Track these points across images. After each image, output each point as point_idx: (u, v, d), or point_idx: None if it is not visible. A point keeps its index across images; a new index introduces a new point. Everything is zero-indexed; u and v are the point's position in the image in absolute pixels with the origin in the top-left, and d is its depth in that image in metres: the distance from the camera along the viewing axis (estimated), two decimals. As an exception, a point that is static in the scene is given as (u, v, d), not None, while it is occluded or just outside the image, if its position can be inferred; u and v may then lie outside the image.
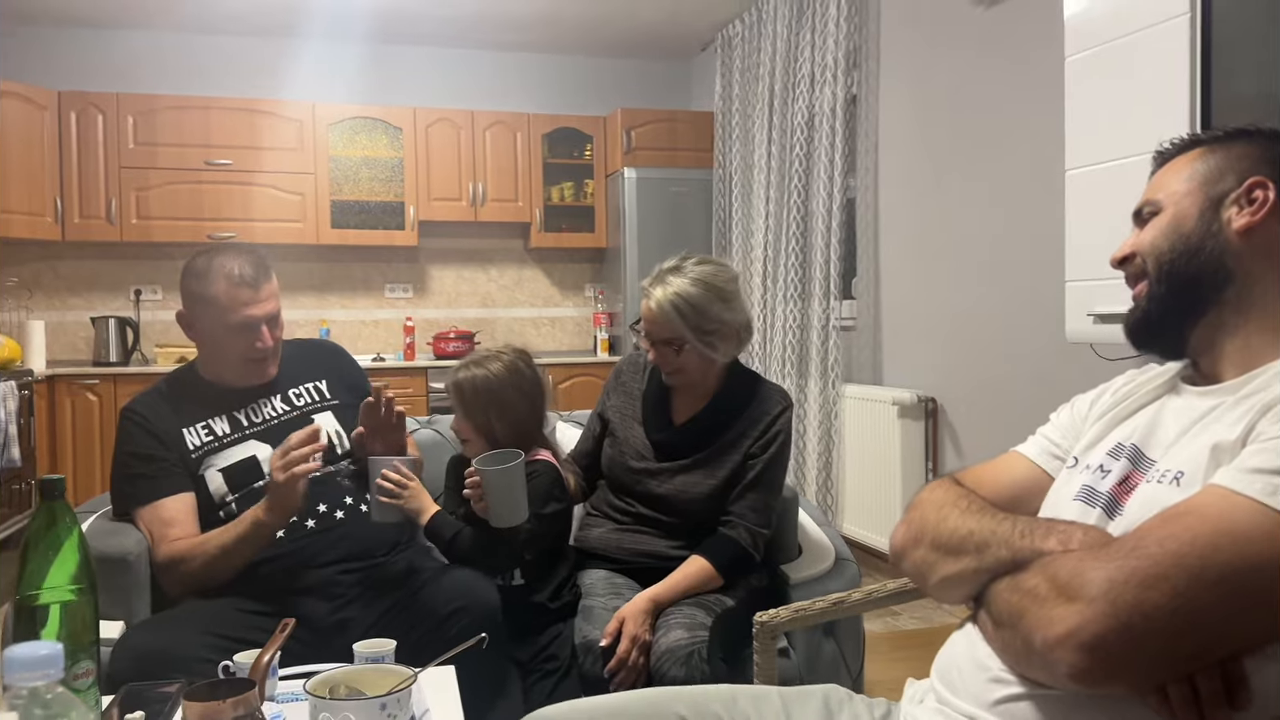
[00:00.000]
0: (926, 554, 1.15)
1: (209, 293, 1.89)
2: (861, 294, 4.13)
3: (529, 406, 1.99)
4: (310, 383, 2.09)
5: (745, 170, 4.84)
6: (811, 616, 1.28)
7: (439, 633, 1.71)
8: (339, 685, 1.38)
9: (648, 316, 2.01)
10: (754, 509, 2.00)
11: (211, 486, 1.91)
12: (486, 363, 1.98)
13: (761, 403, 2.07)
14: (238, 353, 1.94)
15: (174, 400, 1.98)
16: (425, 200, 5.41)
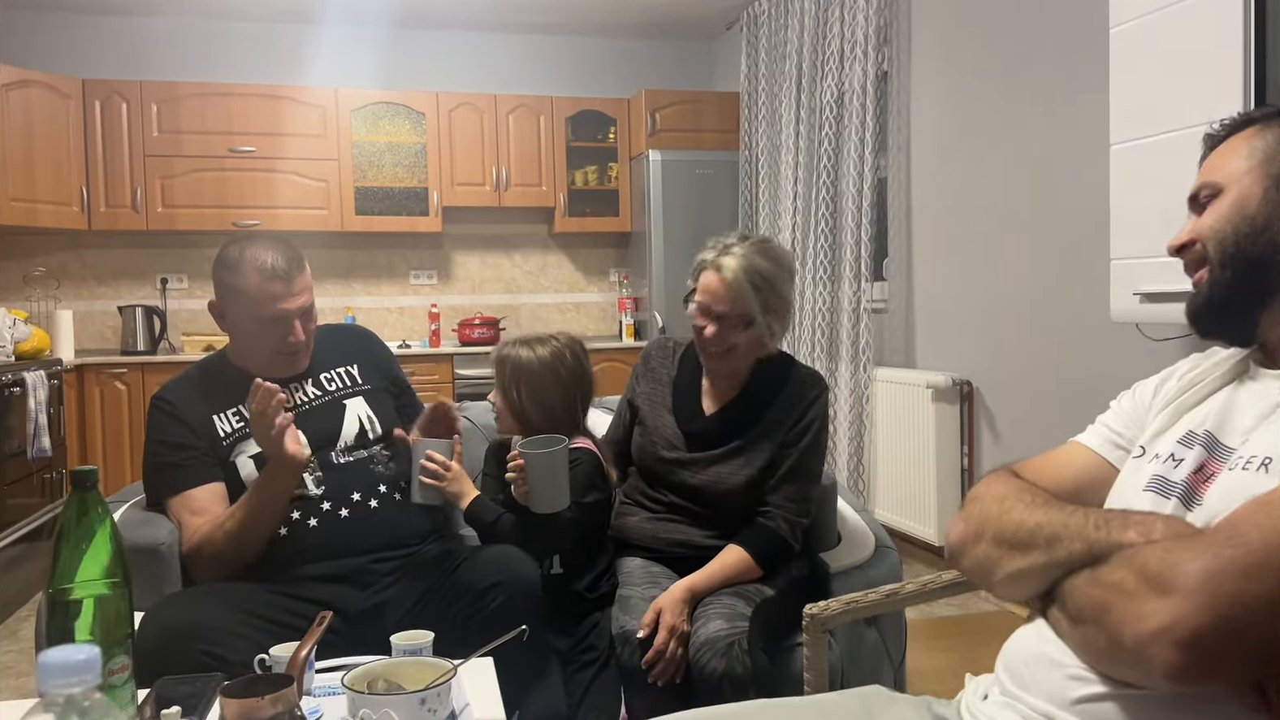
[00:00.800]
0: (989, 550, 1.10)
1: (240, 285, 1.86)
2: (893, 275, 4.06)
3: (563, 396, 1.96)
4: (341, 368, 2.06)
5: (772, 151, 4.77)
6: (864, 609, 1.24)
7: (477, 608, 1.69)
8: (377, 679, 1.35)
9: (713, 290, 1.92)
10: (792, 499, 1.95)
11: (243, 473, 1.89)
12: (534, 345, 1.97)
13: (796, 388, 2.01)
14: (269, 346, 1.91)
15: (204, 387, 1.95)
16: (449, 186, 5.37)
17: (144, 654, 1.51)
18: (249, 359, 1.96)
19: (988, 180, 3.54)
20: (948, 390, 3.58)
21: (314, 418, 1.96)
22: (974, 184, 3.62)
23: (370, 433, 1.98)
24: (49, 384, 3.91)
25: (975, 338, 3.62)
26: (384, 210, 5.31)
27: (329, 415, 1.97)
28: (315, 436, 1.92)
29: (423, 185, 5.34)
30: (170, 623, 1.59)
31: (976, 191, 3.60)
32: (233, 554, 1.80)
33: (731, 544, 1.92)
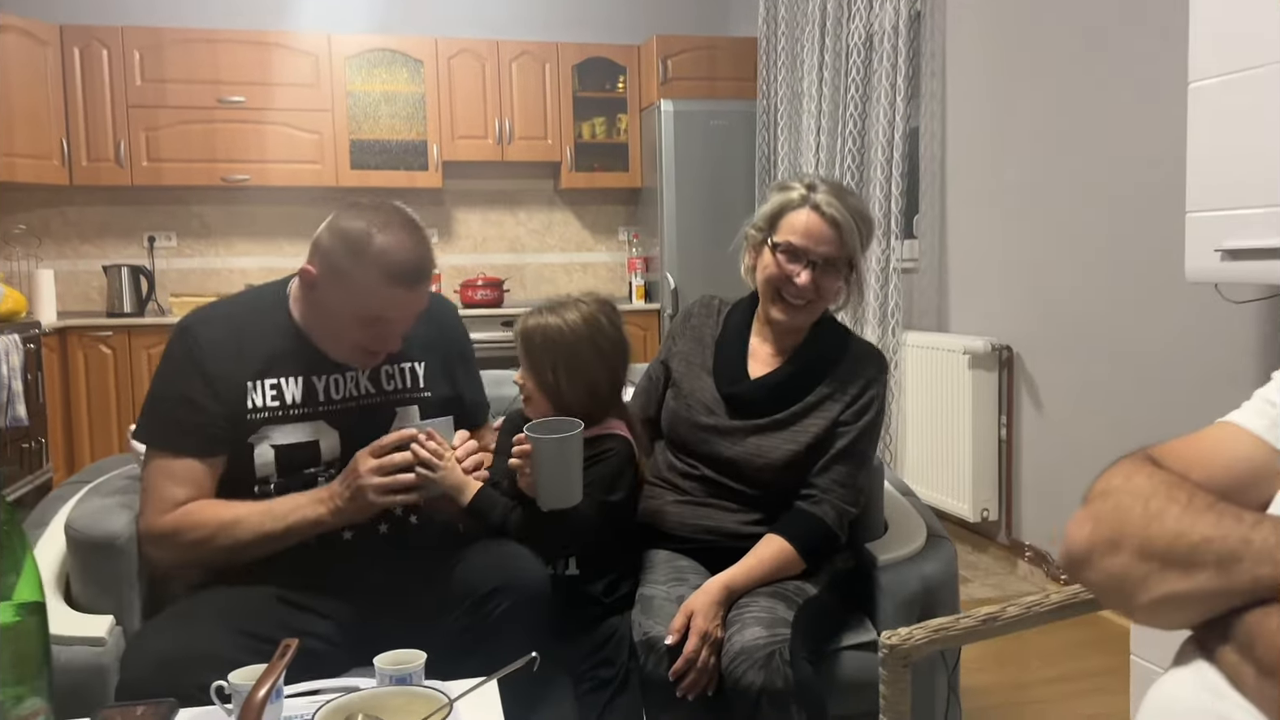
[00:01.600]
0: (1132, 563, 0.85)
1: (359, 278, 1.50)
2: (925, 233, 3.79)
3: (606, 370, 1.68)
4: (407, 363, 1.70)
5: (793, 100, 4.47)
6: (955, 637, 1.00)
7: (476, 616, 1.46)
8: (355, 714, 1.12)
9: (813, 231, 1.70)
10: (842, 483, 1.72)
11: (258, 461, 1.58)
12: (563, 310, 1.67)
13: (855, 362, 1.79)
14: (355, 341, 1.58)
15: (246, 337, 1.59)
16: (449, 139, 5.09)
17: (134, 688, 1.31)
18: (322, 334, 1.61)
19: (1032, 128, 3.26)
20: (986, 356, 3.33)
21: (357, 419, 1.63)
22: (1016, 133, 3.33)
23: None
24: (24, 348, 3.67)
25: (1016, 299, 3.36)
26: (380, 164, 5.04)
27: (373, 422, 1.64)
28: (350, 442, 1.60)
29: (421, 138, 5.07)
30: (166, 653, 1.35)
31: (1019, 141, 3.32)
32: (221, 557, 1.55)
33: (770, 534, 1.69)
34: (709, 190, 4.86)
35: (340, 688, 1.27)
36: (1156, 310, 2.76)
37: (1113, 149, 2.91)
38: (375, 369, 1.67)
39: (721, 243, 4.73)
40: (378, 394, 1.67)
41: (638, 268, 5.34)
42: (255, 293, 1.71)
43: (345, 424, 1.62)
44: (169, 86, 4.73)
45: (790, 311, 1.76)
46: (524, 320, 1.69)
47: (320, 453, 1.61)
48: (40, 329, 4.07)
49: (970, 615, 1.02)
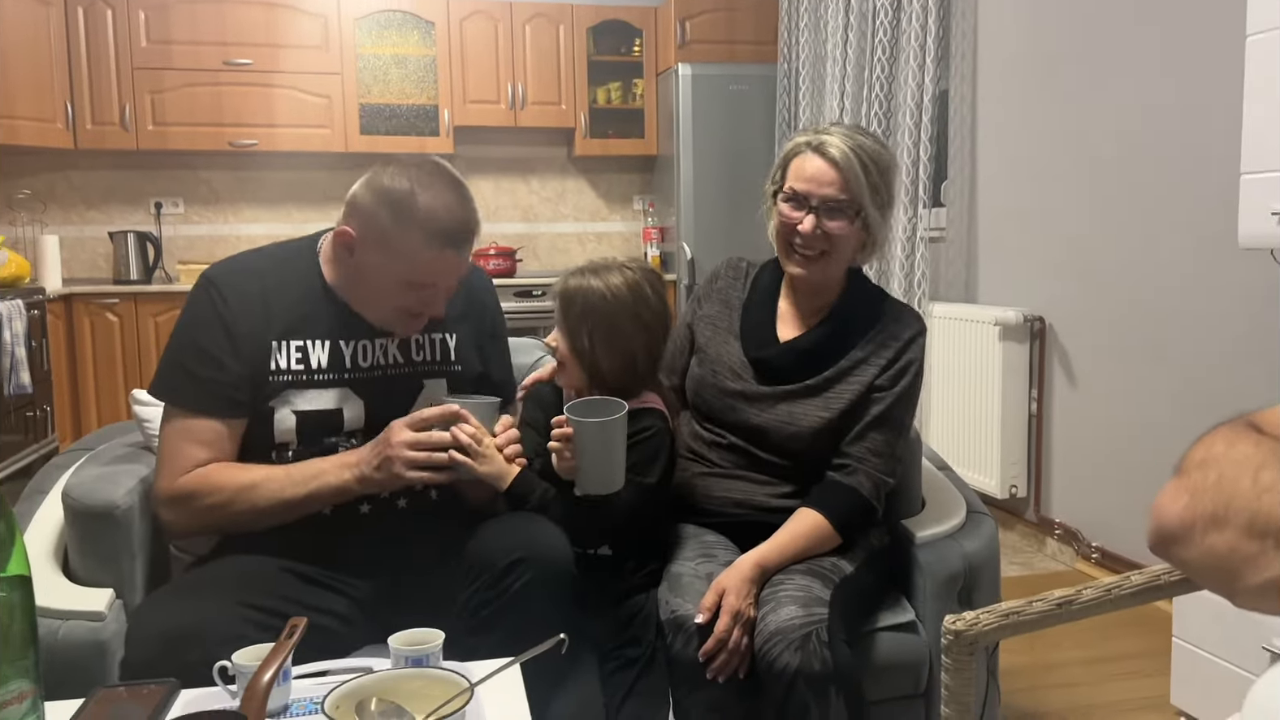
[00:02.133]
0: (1240, 541, 0.75)
1: (403, 242, 1.43)
2: (953, 200, 3.66)
3: (645, 342, 1.56)
4: (440, 333, 1.62)
5: (815, 63, 4.34)
6: (1029, 621, 0.91)
7: (496, 589, 1.37)
8: (369, 699, 1.03)
9: (813, 174, 1.59)
10: (878, 452, 1.62)
11: (278, 427, 1.49)
12: (606, 274, 1.56)
13: (890, 324, 1.68)
14: (393, 308, 1.50)
15: (272, 295, 1.51)
16: (460, 103, 4.97)
17: (139, 667, 1.24)
18: (357, 297, 1.52)
19: (1071, 88, 3.13)
20: (1017, 327, 3.22)
21: (382, 390, 1.54)
22: (1053, 93, 3.20)
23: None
24: (28, 315, 3.59)
25: (1049, 269, 3.24)
26: (391, 130, 4.93)
27: (400, 393, 1.55)
28: (374, 413, 1.52)
29: (432, 103, 4.95)
30: (170, 628, 1.27)
31: (1056, 102, 3.19)
32: (240, 524, 1.46)
33: (803, 508, 1.59)
34: (727, 157, 4.74)
35: (352, 668, 1.19)
36: (1205, 279, 2.64)
37: (1159, 107, 2.79)
38: (403, 340, 1.58)
39: (740, 211, 4.67)
40: (406, 364, 1.58)
41: (653, 237, 5.23)
42: (284, 249, 1.61)
43: (371, 393, 1.53)
44: (174, 48, 4.63)
45: (805, 264, 1.65)
46: (564, 280, 1.58)
47: (344, 422, 1.52)
48: (45, 295, 3.99)
49: (1043, 599, 0.92)
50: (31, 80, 4.32)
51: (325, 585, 1.48)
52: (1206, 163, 2.61)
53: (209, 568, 1.48)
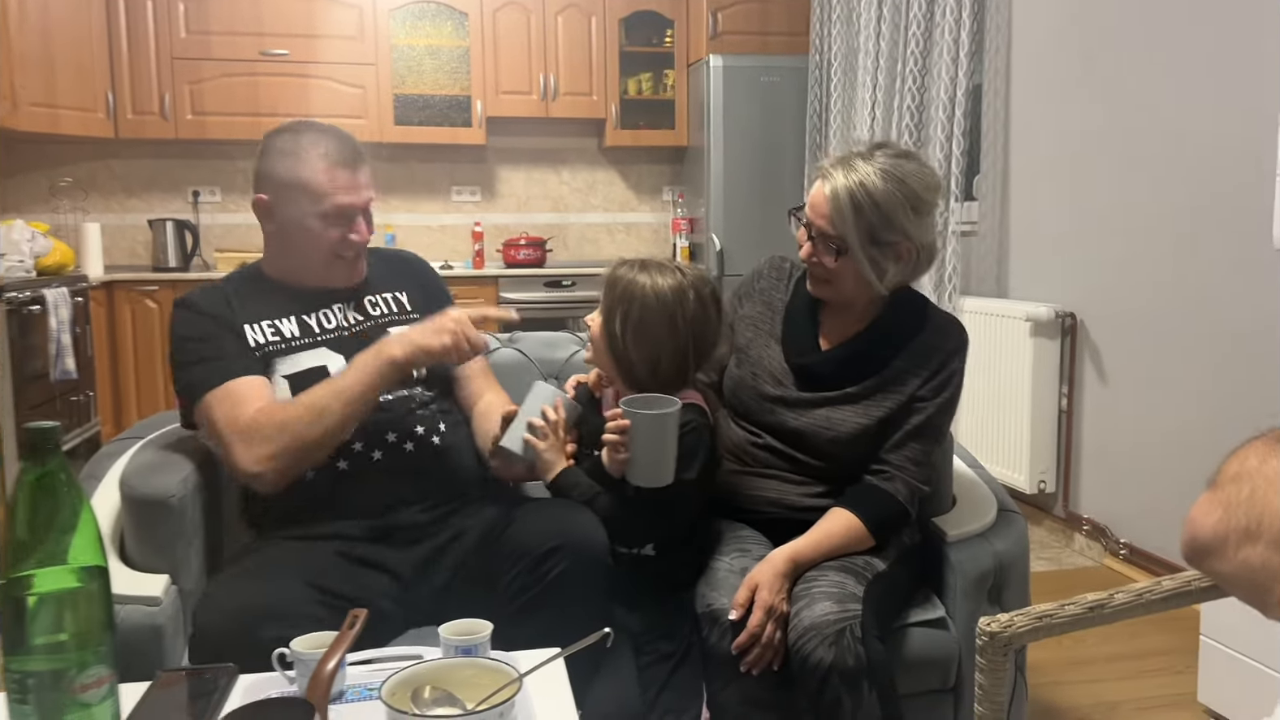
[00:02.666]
0: (1272, 555, 0.79)
1: (300, 175, 1.60)
2: (985, 195, 3.66)
3: (675, 348, 1.57)
4: (389, 293, 1.78)
5: (848, 55, 4.33)
6: (1061, 624, 0.94)
7: (534, 575, 1.43)
8: (423, 686, 1.08)
9: (814, 203, 1.62)
10: (916, 461, 1.65)
11: (276, 394, 1.59)
12: (654, 272, 1.58)
13: (933, 335, 1.69)
14: (327, 246, 1.64)
15: (234, 297, 1.68)
16: (493, 94, 5.01)
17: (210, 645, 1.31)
18: (294, 267, 1.69)
19: (1102, 85, 3.12)
20: (1048, 323, 3.22)
21: (355, 344, 1.65)
22: (1088, 88, 3.19)
23: (415, 371, 1.69)
24: (72, 301, 3.67)
25: (1082, 265, 3.24)
26: (424, 120, 4.98)
27: (372, 343, 1.65)
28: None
29: (465, 93, 4.99)
30: (235, 607, 1.34)
31: (1090, 97, 3.18)
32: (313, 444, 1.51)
33: (838, 507, 1.62)
34: (758, 149, 4.75)
35: (401, 656, 1.23)
36: (1239, 277, 2.64)
37: (1194, 104, 2.77)
38: (359, 300, 1.73)
39: (770, 203, 4.69)
40: (367, 320, 1.72)
41: (682, 229, 5.25)
42: (231, 273, 1.81)
43: (347, 349, 1.65)
44: (213, 39, 4.69)
45: (815, 285, 1.69)
46: (616, 267, 1.63)
47: (331, 376, 1.61)
48: (88, 282, 4.08)
49: (1075, 602, 0.95)
50: (74, 71, 4.40)
51: (374, 566, 1.54)
52: (1242, 161, 2.60)
53: (268, 552, 1.55)
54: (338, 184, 1.61)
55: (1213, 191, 2.73)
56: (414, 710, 1.01)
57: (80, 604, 0.92)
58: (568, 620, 1.31)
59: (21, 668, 0.90)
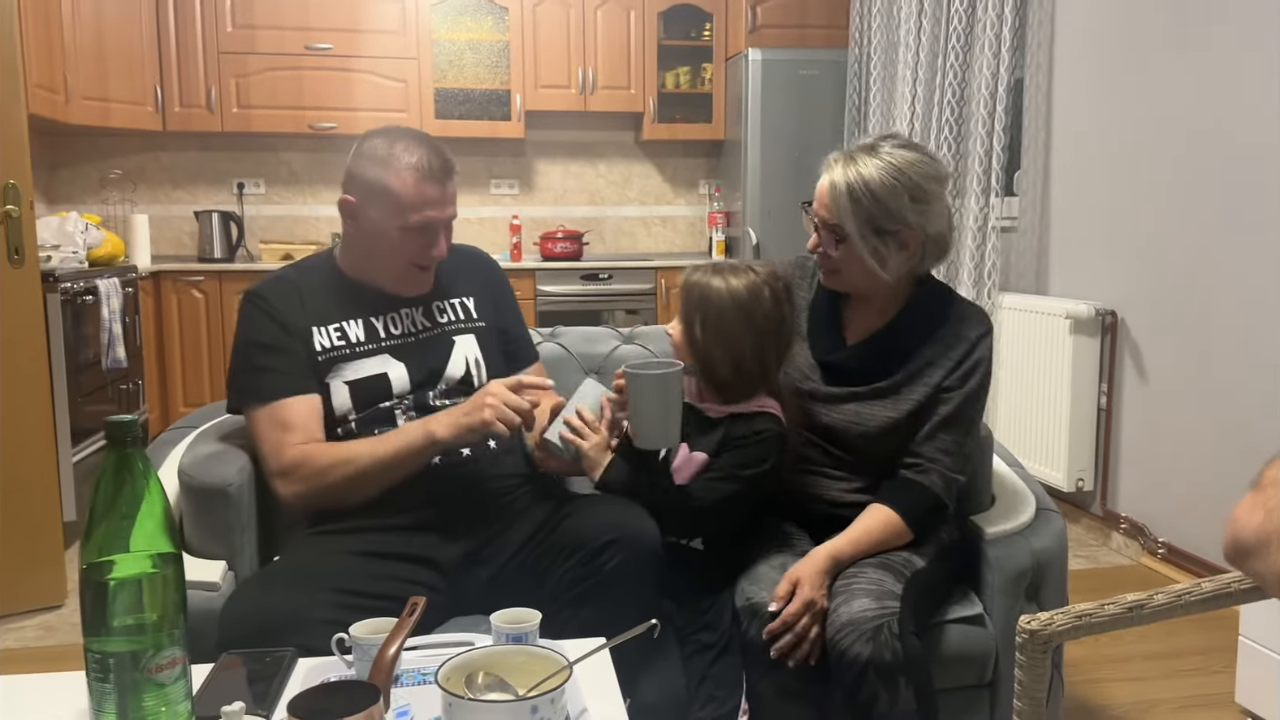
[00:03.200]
0: None
1: (389, 183, 1.61)
2: (1026, 190, 3.65)
3: (755, 346, 1.62)
4: (458, 298, 1.79)
5: (888, 49, 4.32)
6: (1100, 624, 0.96)
7: (589, 568, 1.46)
8: (476, 671, 1.12)
9: (819, 194, 1.68)
10: (948, 451, 1.66)
11: (335, 400, 1.64)
12: (728, 274, 1.64)
13: (957, 324, 1.70)
14: (406, 257, 1.66)
15: (305, 291, 1.69)
16: (532, 88, 5.05)
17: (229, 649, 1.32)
18: (371, 269, 1.70)
19: (1146, 80, 3.09)
20: (1089, 321, 3.21)
21: (418, 351, 1.70)
22: (1131, 82, 3.17)
23: (476, 378, 1.73)
24: (123, 292, 3.76)
25: (1124, 262, 3.22)
26: (464, 114, 5.03)
27: (435, 351, 1.72)
28: (417, 373, 1.68)
29: (505, 87, 5.04)
30: (253, 616, 1.38)
31: (1134, 91, 3.16)
32: (343, 494, 1.57)
33: (876, 504, 1.65)
34: (795, 143, 4.75)
35: (451, 643, 1.27)
36: (1282, 277, 2.62)
37: (1239, 100, 2.75)
38: (427, 305, 1.74)
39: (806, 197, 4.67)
40: (434, 326, 1.74)
41: (718, 222, 5.26)
42: (307, 259, 1.81)
43: (409, 356, 1.68)
44: (258, 33, 4.77)
45: (826, 277, 1.73)
46: (690, 273, 1.67)
47: (391, 384, 1.66)
48: (137, 272, 4.17)
49: (1115, 602, 0.97)
50: (124, 65, 4.50)
51: (416, 558, 1.57)
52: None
53: (290, 558, 1.59)
54: (425, 198, 1.61)
55: (1255, 190, 2.70)
56: (468, 694, 1.05)
57: (156, 589, 0.97)
58: (618, 613, 1.34)
59: (101, 648, 0.95)
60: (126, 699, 0.95)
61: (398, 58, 4.89)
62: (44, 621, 2.76)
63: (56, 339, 3.21)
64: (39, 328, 2.79)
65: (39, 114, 3.58)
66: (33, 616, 2.78)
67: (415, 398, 1.67)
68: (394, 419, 1.66)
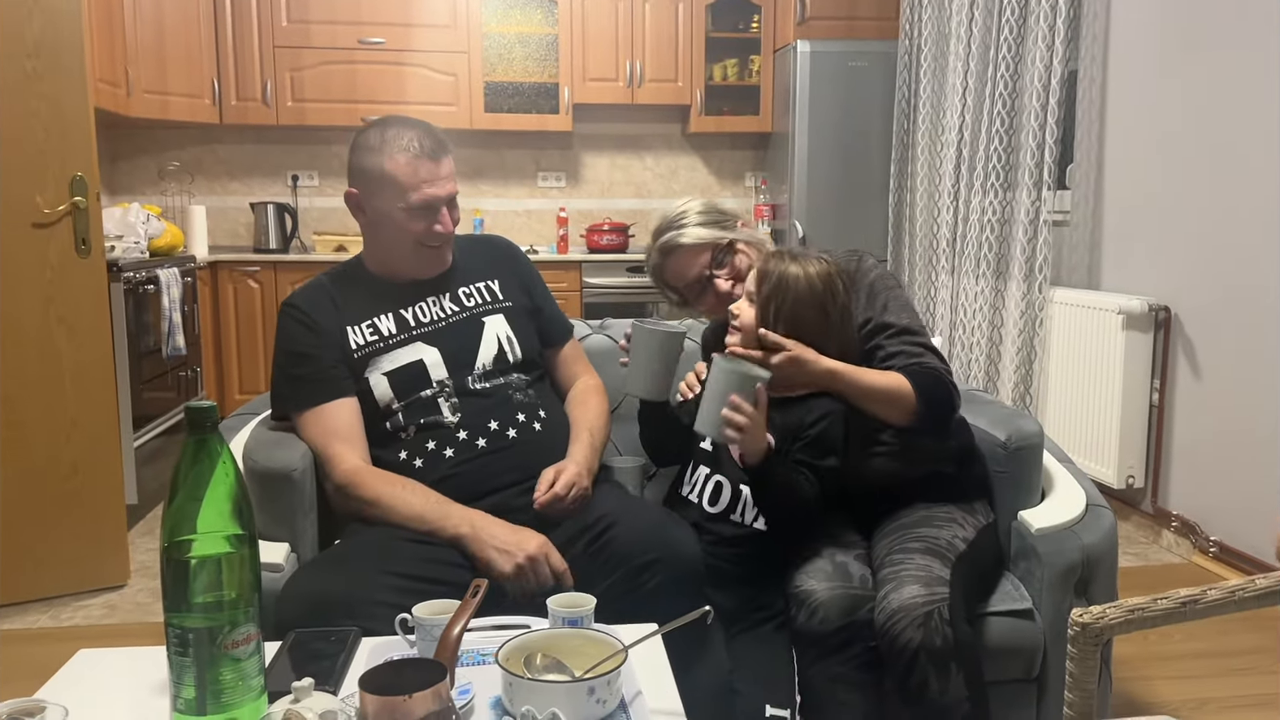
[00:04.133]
0: None
1: (385, 168, 1.69)
2: (1079, 184, 3.60)
3: (828, 330, 1.65)
4: (482, 282, 1.87)
5: (939, 40, 4.28)
6: (1153, 618, 0.96)
7: (632, 584, 1.49)
8: (534, 653, 1.16)
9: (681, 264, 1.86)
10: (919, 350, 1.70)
11: (377, 392, 1.73)
12: (804, 261, 1.67)
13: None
14: (413, 237, 1.74)
15: (337, 295, 1.79)
16: (580, 81, 5.08)
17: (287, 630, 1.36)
18: (388, 259, 1.79)
19: (1203, 73, 3.04)
20: (1141, 317, 3.17)
21: (449, 335, 1.77)
22: (1185, 78, 3.12)
23: (510, 355, 1.79)
24: (183, 281, 3.87)
25: (1178, 257, 3.17)
26: (513, 108, 5.08)
27: (466, 334, 1.79)
28: (451, 357, 1.75)
29: (553, 80, 5.07)
30: (313, 595, 1.43)
31: (1188, 87, 3.11)
32: (383, 518, 1.63)
33: None
34: (843, 135, 4.73)
35: (508, 625, 1.31)
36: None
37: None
38: (454, 291, 1.81)
39: (853, 189, 4.68)
40: (462, 310, 1.81)
41: (765, 215, 5.26)
42: (338, 265, 1.89)
43: (441, 341, 1.75)
44: (313, 27, 4.85)
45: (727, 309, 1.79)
46: (766, 260, 1.70)
47: (427, 369, 1.73)
48: (195, 263, 4.28)
49: (1168, 597, 0.98)
50: (183, 59, 4.61)
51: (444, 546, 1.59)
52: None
53: (347, 544, 1.65)
54: (420, 176, 1.69)
55: (1320, 184, 2.65)
56: (528, 674, 1.09)
57: (234, 568, 1.01)
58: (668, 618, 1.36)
59: (181, 624, 1.00)
60: (205, 672, 1.00)
61: (449, 51, 4.95)
62: (108, 600, 2.86)
63: (120, 327, 3.31)
64: (104, 316, 2.88)
65: (101, 107, 3.68)
66: (97, 595, 2.88)
67: (455, 383, 1.73)
68: (438, 407, 1.71)
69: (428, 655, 1.18)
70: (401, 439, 1.72)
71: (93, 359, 2.84)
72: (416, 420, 1.71)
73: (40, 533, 2.80)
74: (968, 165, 3.96)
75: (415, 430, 1.71)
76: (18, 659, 2.48)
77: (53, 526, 2.81)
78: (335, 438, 1.69)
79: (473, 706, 1.10)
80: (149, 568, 3.10)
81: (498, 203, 5.40)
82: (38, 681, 1.20)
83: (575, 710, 1.03)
